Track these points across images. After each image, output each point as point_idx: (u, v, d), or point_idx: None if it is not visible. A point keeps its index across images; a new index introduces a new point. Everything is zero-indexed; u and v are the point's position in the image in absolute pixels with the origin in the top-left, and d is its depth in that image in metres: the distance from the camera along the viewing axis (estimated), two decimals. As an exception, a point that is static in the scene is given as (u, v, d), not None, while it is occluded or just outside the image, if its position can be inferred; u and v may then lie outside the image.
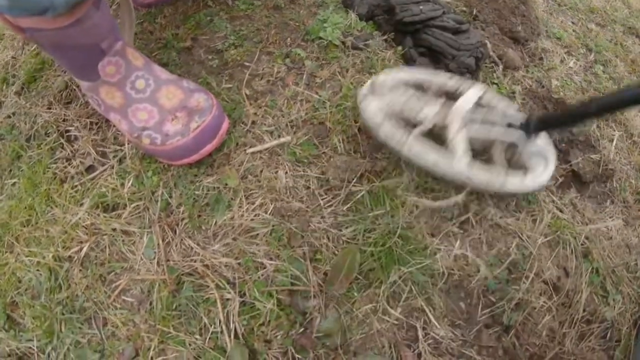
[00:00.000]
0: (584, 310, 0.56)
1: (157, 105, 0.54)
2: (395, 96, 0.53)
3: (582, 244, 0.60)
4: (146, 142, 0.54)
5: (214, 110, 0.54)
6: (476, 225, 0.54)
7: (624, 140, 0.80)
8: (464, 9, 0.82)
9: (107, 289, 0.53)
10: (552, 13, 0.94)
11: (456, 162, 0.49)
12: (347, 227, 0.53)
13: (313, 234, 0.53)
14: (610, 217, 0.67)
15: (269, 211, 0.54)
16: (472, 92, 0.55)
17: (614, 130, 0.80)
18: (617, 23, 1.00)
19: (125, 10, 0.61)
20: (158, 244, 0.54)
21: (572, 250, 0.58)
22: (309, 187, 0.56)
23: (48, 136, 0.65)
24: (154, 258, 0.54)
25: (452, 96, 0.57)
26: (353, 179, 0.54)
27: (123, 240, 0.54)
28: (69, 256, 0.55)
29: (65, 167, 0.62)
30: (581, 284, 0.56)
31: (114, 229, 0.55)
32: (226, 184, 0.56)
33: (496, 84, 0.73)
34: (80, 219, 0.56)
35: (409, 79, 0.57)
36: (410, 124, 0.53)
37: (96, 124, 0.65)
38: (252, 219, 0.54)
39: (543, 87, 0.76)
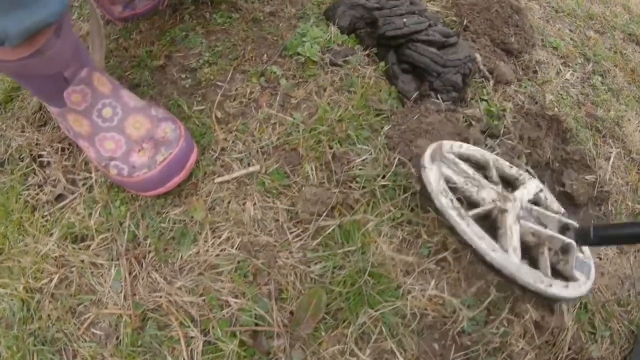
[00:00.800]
0: (569, 349, 0.51)
1: (124, 134, 0.51)
2: (455, 169, 0.51)
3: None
4: (113, 173, 0.51)
5: (181, 141, 0.51)
6: (454, 262, 0.50)
7: (621, 157, 0.73)
8: (454, 18, 0.75)
9: (77, 321, 0.51)
10: (548, 20, 0.86)
11: (507, 257, 0.46)
12: (315, 264, 0.49)
13: (280, 271, 0.49)
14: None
15: (235, 246, 0.50)
16: (531, 186, 0.54)
17: (612, 147, 0.73)
18: (616, 29, 0.91)
19: (95, 30, 0.57)
20: (125, 277, 0.51)
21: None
22: (277, 220, 0.51)
23: (22, 160, 0.62)
24: (121, 292, 0.51)
25: (510, 184, 0.55)
26: (323, 212, 0.50)
27: (92, 272, 0.52)
28: (40, 287, 0.53)
29: (37, 194, 0.58)
30: (567, 321, 0.51)
31: (82, 261, 0.52)
32: (192, 217, 0.52)
33: (486, 100, 0.67)
34: (50, 249, 0.53)
35: (470, 155, 0.54)
36: (466, 201, 0.50)
37: (68, 148, 0.61)
38: (217, 255, 0.50)
39: (536, 103, 0.70)
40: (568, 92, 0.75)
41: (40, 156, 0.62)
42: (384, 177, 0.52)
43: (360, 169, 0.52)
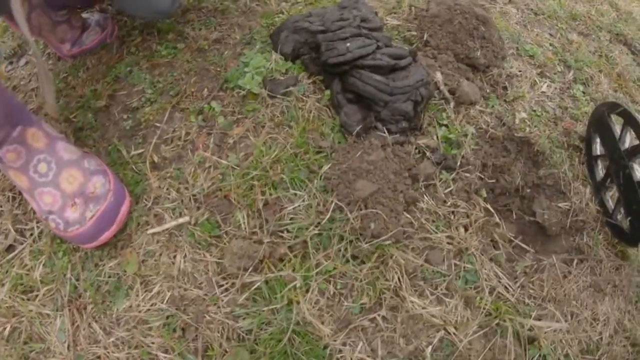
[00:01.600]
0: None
1: (60, 189, 0.50)
2: None
3: (529, 329, 0.48)
4: (52, 226, 0.50)
5: (109, 196, 0.50)
6: (391, 318, 0.44)
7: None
8: (414, 33, 0.67)
9: (30, 368, 0.51)
10: (526, 25, 0.76)
11: None
12: (243, 319, 0.45)
13: (208, 326, 0.45)
14: (576, 284, 0.54)
15: (165, 300, 0.47)
16: None
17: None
18: (602, 30, 0.80)
19: (42, 74, 0.55)
20: (68, 328, 0.50)
21: (514, 338, 0.47)
22: (207, 273, 0.47)
23: (-24, 208, 0.62)
24: (65, 342, 0.51)
25: None
26: (250, 267, 0.45)
27: (40, 322, 0.51)
28: (-6, 335, 0.53)
29: (-13, 243, 0.58)
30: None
31: (31, 311, 0.52)
32: (125, 271, 0.49)
33: (445, 125, 0.59)
34: (2, 300, 0.53)
35: None
36: None
37: (18, 197, 0.60)
38: (148, 309, 0.47)
39: (503, 124, 0.62)
40: (543, 107, 0.66)
41: (-10, 204, 0.61)
42: (317, 224, 0.47)
43: (292, 218, 0.47)
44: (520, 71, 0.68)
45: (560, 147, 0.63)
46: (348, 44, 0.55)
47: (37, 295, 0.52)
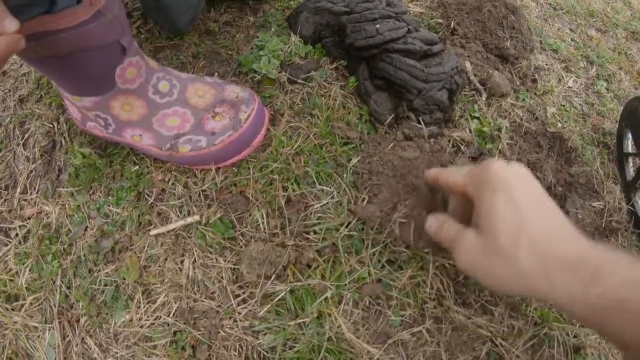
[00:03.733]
0: None
1: (189, 106, 0.40)
2: None
3: (574, 337, 0.41)
4: (186, 150, 0.40)
5: (257, 98, 0.43)
6: (434, 330, 0.36)
7: (633, 176, 0.57)
8: (440, 21, 0.59)
9: (13, 389, 0.40)
10: (547, 19, 0.68)
11: None
12: (264, 334, 0.35)
13: (223, 343, 0.36)
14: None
15: (172, 313, 0.37)
16: None
17: (621, 165, 0.57)
18: (619, 27, 0.73)
19: None
20: (58, 344, 0.40)
21: (560, 348, 0.39)
22: (220, 281, 0.37)
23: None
24: (55, 359, 0.40)
25: None
26: (272, 275, 0.36)
27: (27, 335, 0.41)
28: (-23, 349, 0.42)
29: (-35, 245, 0.46)
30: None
31: (16, 322, 0.41)
32: (124, 278, 0.39)
33: (477, 118, 0.51)
34: None
35: None
36: None
37: (5, 189, 0.49)
38: (151, 324, 0.37)
39: (536, 118, 0.54)
40: (571, 103, 0.59)
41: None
42: (348, 225, 0.38)
43: (319, 217, 0.38)
44: (546, 65, 0.60)
45: (590, 143, 0.56)
46: (378, 26, 0.46)
47: (22, 305, 0.42)
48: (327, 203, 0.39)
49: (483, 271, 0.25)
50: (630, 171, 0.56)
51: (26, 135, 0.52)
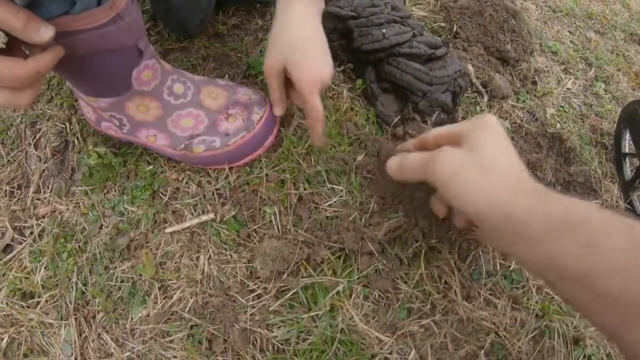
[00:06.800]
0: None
1: (203, 107, 0.42)
2: None
3: (574, 328, 0.43)
4: (200, 150, 0.42)
5: (267, 100, 0.45)
6: (441, 322, 0.38)
7: (630, 175, 0.60)
8: (443, 24, 0.61)
9: (30, 384, 0.42)
10: (546, 22, 0.71)
11: None
12: (279, 328, 0.38)
13: (240, 335, 0.38)
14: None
15: (188, 308, 0.39)
16: None
17: (619, 164, 0.60)
18: (617, 29, 0.76)
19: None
20: (75, 340, 0.42)
21: (561, 339, 0.42)
22: (235, 276, 0.40)
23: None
24: (71, 355, 0.42)
25: None
26: (286, 270, 0.38)
27: (42, 332, 0.43)
28: (-9, 347, 0.44)
29: (-20, 243, 0.48)
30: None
31: (32, 320, 0.43)
32: (140, 275, 0.41)
33: (478, 118, 0.54)
34: None
35: None
36: None
37: (17, 191, 0.51)
38: (168, 319, 0.39)
39: (536, 119, 0.56)
40: (570, 104, 0.62)
41: (-15, 199, 0.51)
42: (356, 222, 0.40)
43: (329, 215, 0.40)
44: (546, 67, 0.63)
45: (588, 143, 0.59)
46: (384, 30, 0.48)
47: (38, 302, 0.44)
48: (337, 201, 0.41)
49: (457, 181, 0.29)
50: (628, 171, 0.58)
51: (38, 135, 0.54)
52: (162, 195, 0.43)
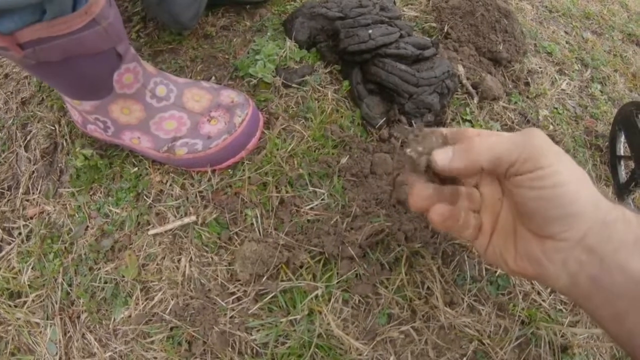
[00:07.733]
0: None
1: (185, 110, 0.42)
2: None
3: (561, 336, 0.42)
4: (182, 153, 0.42)
5: (251, 102, 0.45)
6: (422, 328, 0.38)
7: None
8: (434, 24, 0.61)
9: (16, 382, 0.43)
10: (542, 22, 0.70)
11: None
12: (258, 331, 0.37)
13: (219, 337, 0.38)
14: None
15: (168, 310, 0.39)
16: None
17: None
18: (615, 30, 0.75)
19: None
20: (59, 339, 0.42)
21: (547, 347, 0.41)
22: (216, 279, 0.40)
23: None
24: (56, 354, 0.43)
25: None
26: (265, 273, 0.38)
27: (29, 331, 0.43)
28: (-23, 346, 0.45)
29: (-28, 243, 0.49)
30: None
31: (19, 319, 0.44)
32: (123, 276, 0.41)
33: (469, 121, 0.53)
34: None
35: None
36: None
37: (7, 190, 0.52)
38: (149, 320, 0.40)
39: (528, 121, 0.56)
40: (564, 105, 0.61)
41: (-27, 201, 0.52)
42: (337, 226, 0.40)
43: (310, 219, 0.40)
44: (540, 67, 0.62)
45: (582, 146, 0.58)
46: (370, 31, 0.48)
47: (25, 302, 0.45)
48: (319, 205, 0.41)
49: (567, 157, 0.24)
50: (623, 174, 0.57)
51: (28, 137, 0.55)
52: (146, 197, 0.44)
